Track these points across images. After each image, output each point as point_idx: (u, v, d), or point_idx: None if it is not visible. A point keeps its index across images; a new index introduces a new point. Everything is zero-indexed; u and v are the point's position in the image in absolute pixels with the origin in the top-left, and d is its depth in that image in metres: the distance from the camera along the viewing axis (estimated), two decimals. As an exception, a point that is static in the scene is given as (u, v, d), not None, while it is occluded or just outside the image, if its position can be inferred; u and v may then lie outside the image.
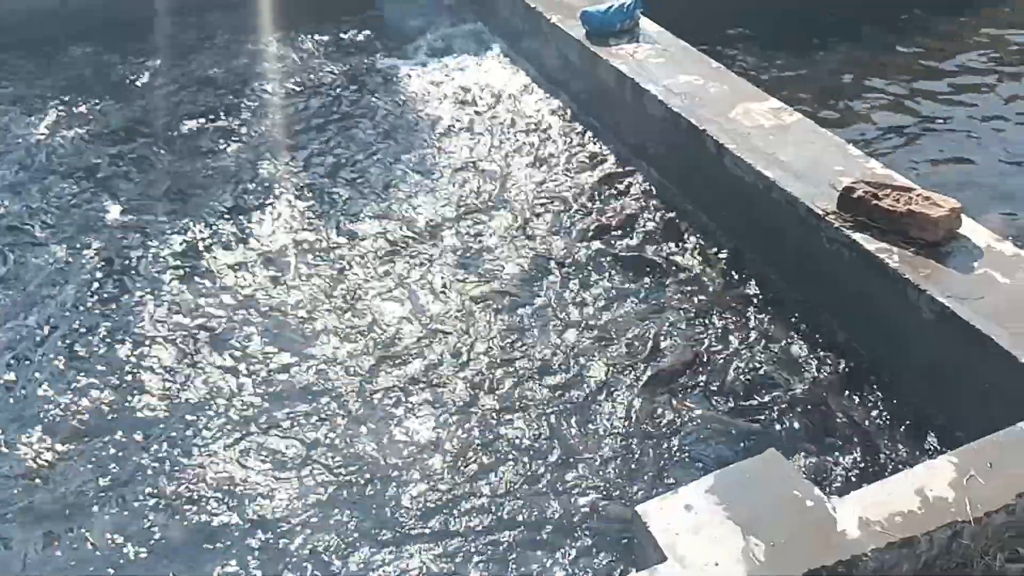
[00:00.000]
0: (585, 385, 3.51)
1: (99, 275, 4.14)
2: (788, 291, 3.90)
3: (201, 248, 4.27)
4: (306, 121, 5.27)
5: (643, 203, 4.50)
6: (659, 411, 3.38)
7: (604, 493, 3.09)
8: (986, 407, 3.09)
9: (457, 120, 5.22)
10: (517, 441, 3.30)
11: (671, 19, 5.22)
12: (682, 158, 4.46)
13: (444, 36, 6.17)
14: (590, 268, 4.11)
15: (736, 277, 4.02)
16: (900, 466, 3.11)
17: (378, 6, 6.64)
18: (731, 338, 3.71)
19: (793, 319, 3.78)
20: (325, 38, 6.21)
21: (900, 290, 3.32)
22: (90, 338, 3.81)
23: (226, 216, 4.49)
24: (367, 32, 6.30)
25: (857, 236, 3.49)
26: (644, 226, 4.35)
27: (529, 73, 5.64)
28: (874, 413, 3.37)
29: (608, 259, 4.15)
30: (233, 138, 5.12)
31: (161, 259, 4.23)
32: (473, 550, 2.92)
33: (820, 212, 3.64)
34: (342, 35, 6.25)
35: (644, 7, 5.12)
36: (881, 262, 3.38)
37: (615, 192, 4.59)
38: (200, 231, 4.38)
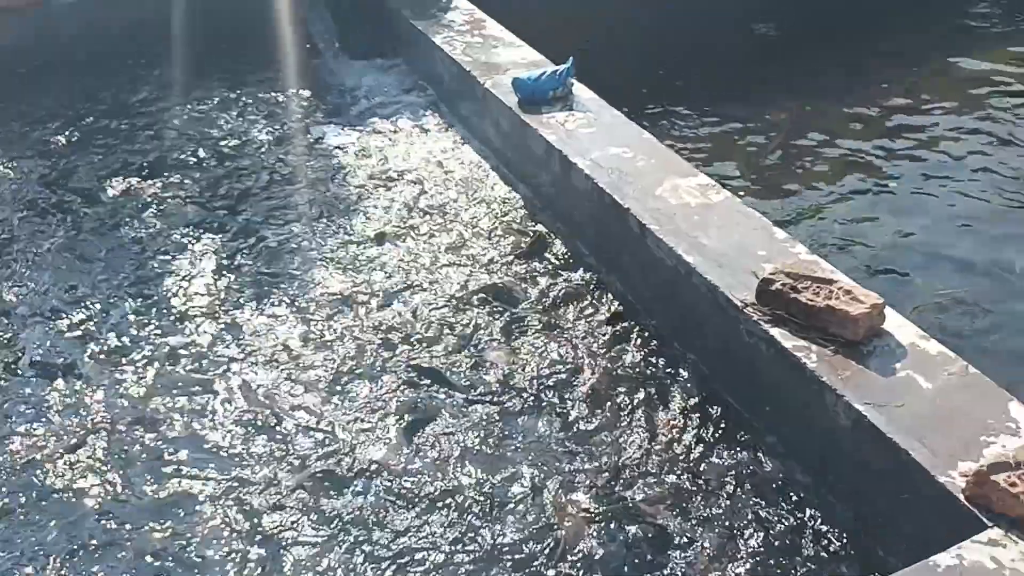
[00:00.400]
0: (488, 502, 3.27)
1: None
2: (711, 384, 3.67)
3: (88, 340, 4.01)
4: (225, 191, 5.04)
5: (574, 287, 4.25)
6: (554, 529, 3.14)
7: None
8: (903, 523, 2.88)
9: (386, 193, 4.96)
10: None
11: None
12: (609, 235, 4.25)
13: (385, 100, 5.97)
14: (505, 360, 3.86)
15: (657, 367, 3.79)
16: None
17: (322, 65, 6.48)
18: (644, 436, 3.47)
19: (716, 416, 3.54)
20: (263, 97, 6.00)
21: (818, 392, 3.10)
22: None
23: (122, 300, 4.23)
24: (307, 92, 6.10)
25: (775, 332, 3.28)
26: (570, 312, 4.12)
27: (467, 139, 5.44)
28: (794, 522, 3.13)
29: (527, 351, 3.91)
30: (146, 210, 4.87)
31: (46, 347, 3.98)
32: None
33: (739, 304, 3.43)
34: (280, 95, 6.05)
35: (574, 73, 4.95)
36: (798, 361, 3.17)
37: (544, 272, 4.35)
38: (93, 316, 4.15)
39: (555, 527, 3.13)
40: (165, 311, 4.16)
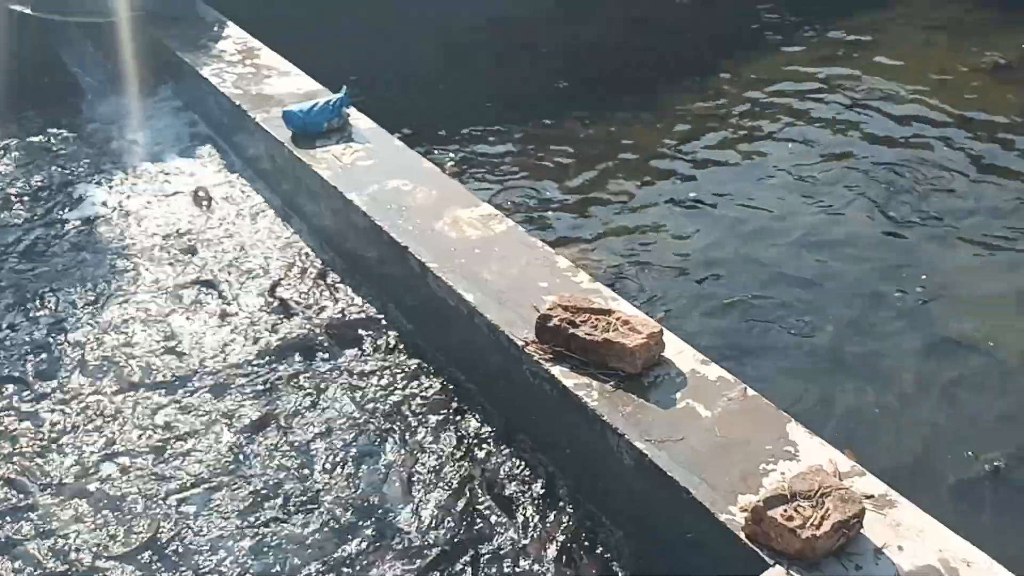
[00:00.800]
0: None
1: None
2: (508, 427, 3.47)
3: None
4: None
5: (357, 330, 3.97)
6: None
7: None
8: (689, 562, 2.75)
9: (153, 252, 4.48)
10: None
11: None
12: (391, 274, 4.01)
13: (154, 140, 5.49)
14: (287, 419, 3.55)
15: (447, 412, 3.56)
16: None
17: (87, 111, 5.90)
18: (438, 487, 3.24)
19: (515, 461, 3.34)
20: (14, 144, 5.42)
21: (600, 432, 2.95)
22: None
23: None
24: (72, 135, 5.54)
25: (556, 370, 3.12)
26: (353, 357, 3.84)
27: (244, 177, 5.07)
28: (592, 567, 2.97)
29: (308, 405, 3.61)
30: None
31: None
32: None
33: (520, 342, 3.25)
34: (37, 139, 5.48)
35: (350, 102, 4.68)
36: (579, 401, 3.01)
37: (325, 319, 4.05)
38: None
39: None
40: None
